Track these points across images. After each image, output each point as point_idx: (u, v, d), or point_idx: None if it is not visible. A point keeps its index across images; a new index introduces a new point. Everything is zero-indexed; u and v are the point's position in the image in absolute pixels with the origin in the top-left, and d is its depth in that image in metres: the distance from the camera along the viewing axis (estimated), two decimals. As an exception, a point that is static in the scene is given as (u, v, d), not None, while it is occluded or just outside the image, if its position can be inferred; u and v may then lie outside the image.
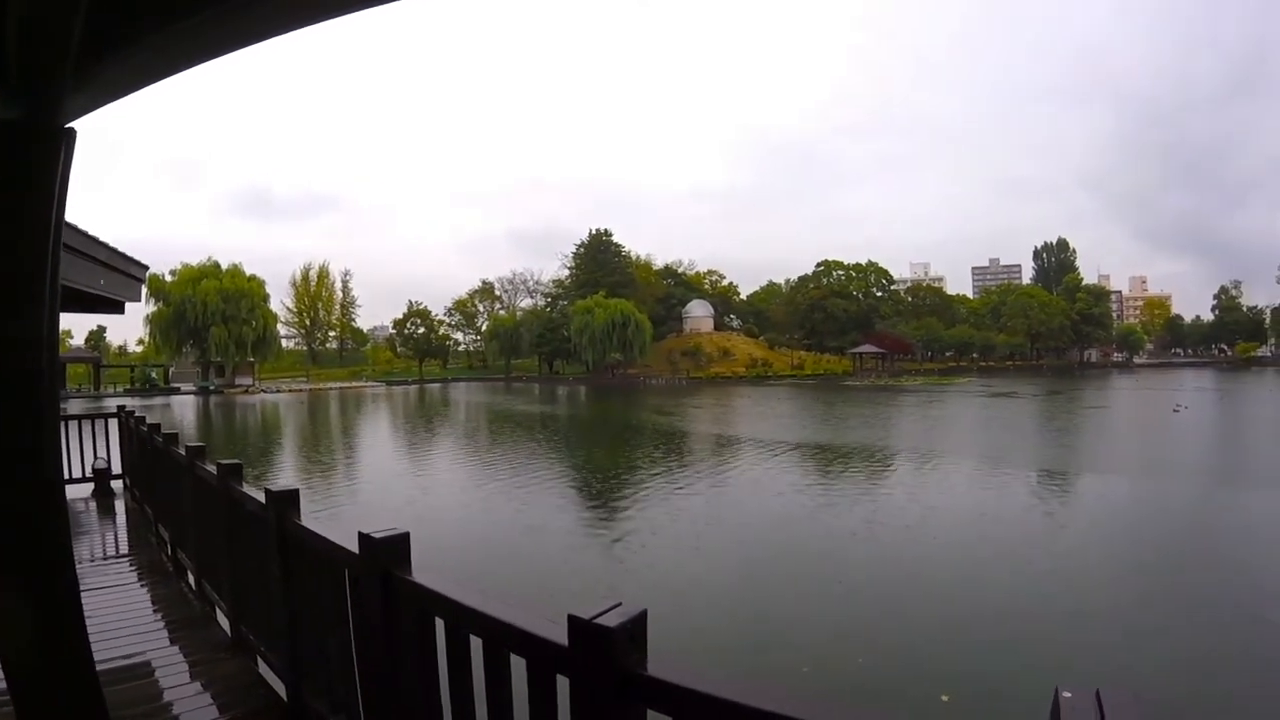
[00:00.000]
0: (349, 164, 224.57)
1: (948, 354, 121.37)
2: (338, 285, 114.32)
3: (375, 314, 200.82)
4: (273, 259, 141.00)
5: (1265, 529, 15.54)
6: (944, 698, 7.86)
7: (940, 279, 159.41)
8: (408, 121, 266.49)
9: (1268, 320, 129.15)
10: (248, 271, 79.87)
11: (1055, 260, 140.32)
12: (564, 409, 54.97)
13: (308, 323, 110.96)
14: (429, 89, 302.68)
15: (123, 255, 6.48)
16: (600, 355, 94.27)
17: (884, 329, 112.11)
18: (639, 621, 1.85)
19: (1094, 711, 1.32)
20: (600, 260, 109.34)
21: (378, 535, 2.82)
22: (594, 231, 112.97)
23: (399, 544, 2.82)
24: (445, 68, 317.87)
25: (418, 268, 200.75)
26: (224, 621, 5.48)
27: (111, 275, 6.35)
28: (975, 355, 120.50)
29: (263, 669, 4.65)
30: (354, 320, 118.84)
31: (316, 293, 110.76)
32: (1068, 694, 1.37)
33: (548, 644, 2.01)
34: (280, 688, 4.28)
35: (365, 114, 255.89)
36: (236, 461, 5.10)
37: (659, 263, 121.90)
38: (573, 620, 1.87)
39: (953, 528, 15.28)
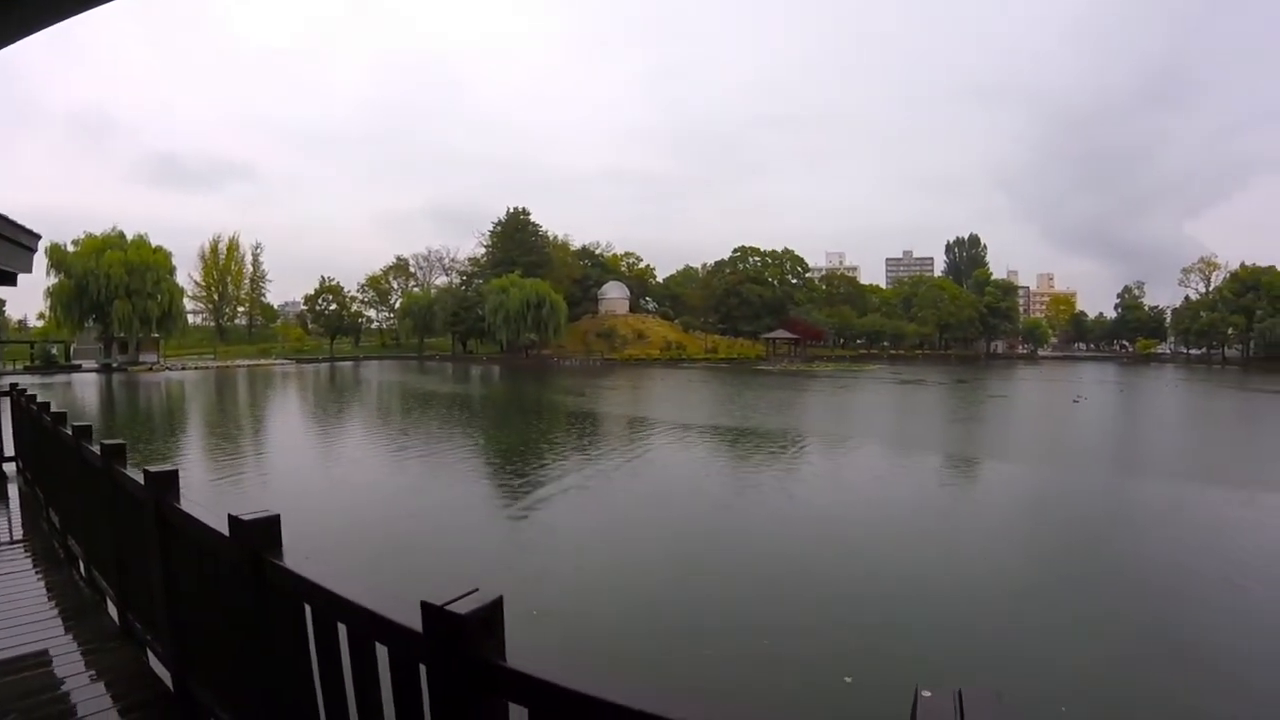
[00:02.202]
0: (263, 132, 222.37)
1: (859, 341, 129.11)
2: (247, 259, 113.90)
3: (286, 289, 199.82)
4: (180, 230, 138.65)
5: (1139, 510, 17.55)
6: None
7: (855, 269, 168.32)
8: (324, 89, 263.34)
9: (1168, 319, 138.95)
10: (154, 243, 77.57)
11: (966, 255, 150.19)
12: (476, 389, 55.87)
13: (216, 298, 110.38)
14: (346, 57, 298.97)
15: (11, 222, 6.21)
16: (515, 335, 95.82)
17: (798, 316, 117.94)
18: (494, 608, 1.84)
19: (953, 711, 1.32)
20: (517, 239, 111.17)
21: (247, 518, 2.78)
22: (512, 210, 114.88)
23: (269, 526, 2.78)
24: (365, 38, 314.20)
25: (331, 242, 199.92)
26: (113, 610, 5.39)
27: (-2, 244, 6.02)
28: (886, 344, 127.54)
29: (151, 659, 4.59)
30: (264, 296, 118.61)
31: (225, 266, 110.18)
32: (927, 693, 1.38)
33: (405, 631, 1.99)
34: (167, 677, 4.22)
35: (280, 80, 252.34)
36: (120, 442, 5.04)
37: (576, 243, 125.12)
38: (425, 607, 1.86)
39: (842, 509, 16.63)
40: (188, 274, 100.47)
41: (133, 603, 4.94)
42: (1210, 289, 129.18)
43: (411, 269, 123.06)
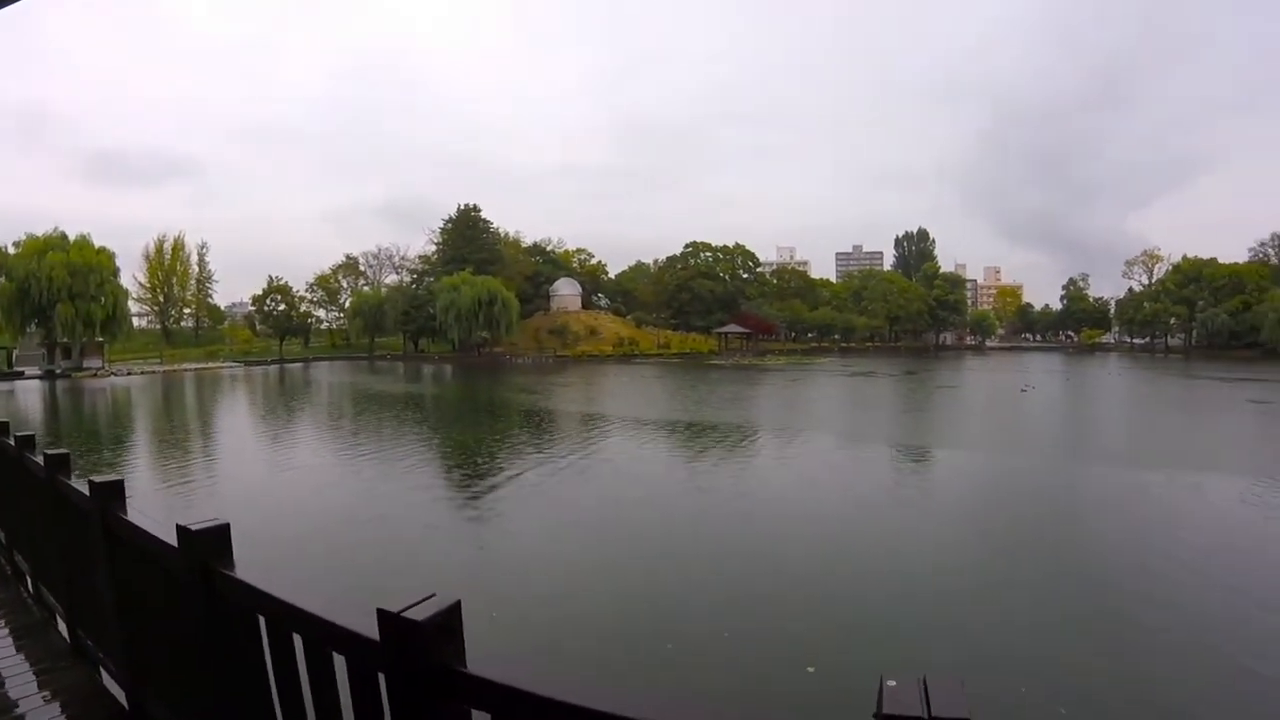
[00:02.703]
0: (209, 127, 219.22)
1: (810, 335, 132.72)
2: (193, 259, 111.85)
3: (233, 290, 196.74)
4: (124, 230, 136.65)
5: (1084, 493, 18.74)
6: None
7: (805, 263, 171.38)
8: (272, 83, 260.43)
9: (1112, 310, 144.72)
10: (97, 243, 75.89)
11: (915, 249, 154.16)
12: (429, 388, 56.20)
13: (161, 299, 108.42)
14: (295, 50, 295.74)
15: None
16: (466, 333, 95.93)
17: (749, 310, 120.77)
18: (452, 613, 1.82)
19: (919, 701, 1.33)
20: (468, 236, 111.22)
21: (195, 527, 2.75)
22: (462, 207, 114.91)
23: (218, 536, 2.76)
24: (315, 31, 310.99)
25: (279, 241, 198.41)
26: (63, 628, 5.25)
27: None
28: (837, 337, 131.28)
29: (105, 677, 4.50)
30: (210, 297, 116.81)
31: (171, 267, 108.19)
32: (892, 683, 1.39)
33: (362, 640, 1.96)
34: (122, 696, 4.14)
35: (227, 74, 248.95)
36: (64, 451, 4.93)
37: (528, 240, 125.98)
38: (382, 614, 1.84)
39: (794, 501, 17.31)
40: (132, 275, 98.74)
41: (83, 619, 4.83)
42: (1153, 280, 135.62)
43: (361, 267, 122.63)
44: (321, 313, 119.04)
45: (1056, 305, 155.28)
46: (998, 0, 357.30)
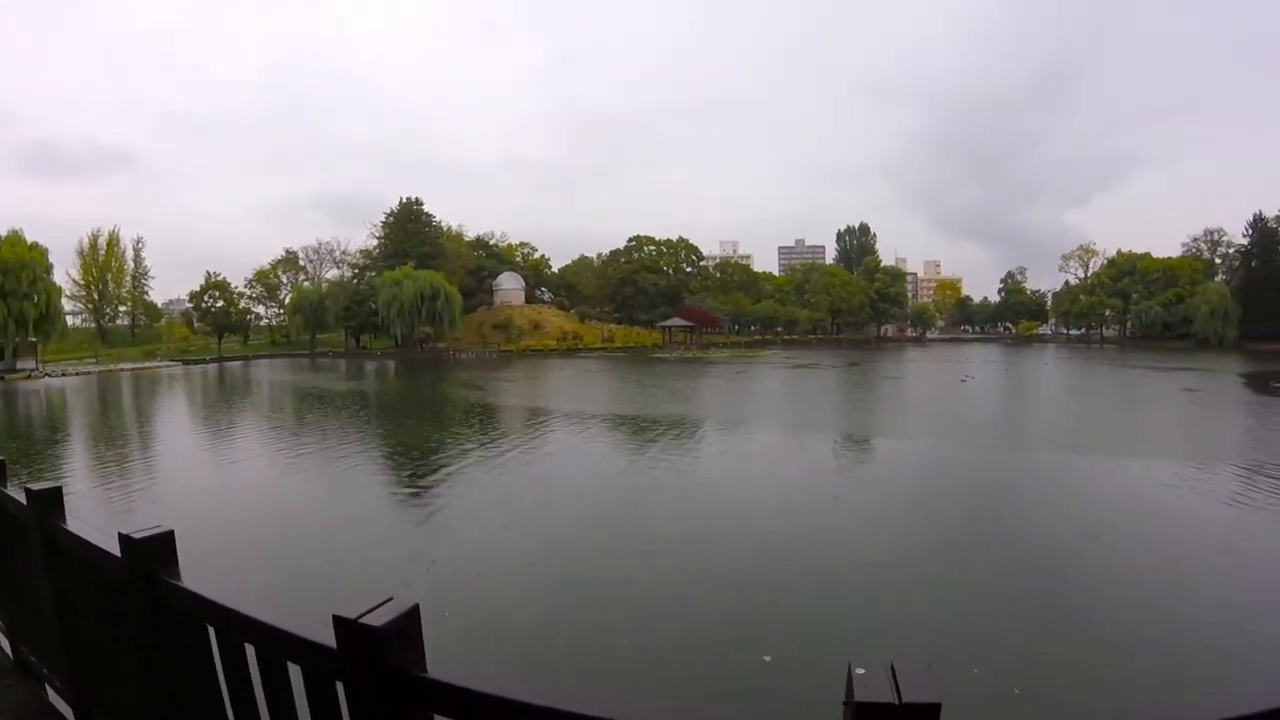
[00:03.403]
0: (145, 118, 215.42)
1: (753, 328, 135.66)
2: (129, 254, 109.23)
3: (170, 287, 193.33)
4: (57, 225, 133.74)
5: (1022, 477, 20.04)
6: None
7: (748, 257, 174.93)
8: (210, 73, 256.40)
9: (1048, 303, 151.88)
10: (29, 239, 74.95)
11: (857, 243, 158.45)
12: (372, 385, 56.31)
13: (96, 297, 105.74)
14: (234, 39, 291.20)
15: None
16: (409, 328, 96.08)
17: (693, 303, 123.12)
18: (411, 617, 1.79)
19: (889, 687, 1.34)
20: (410, 230, 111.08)
21: (138, 535, 2.67)
22: (404, 200, 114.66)
23: (163, 543, 2.68)
24: (255, 19, 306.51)
25: (218, 235, 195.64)
26: (5, 644, 5.12)
27: None
28: (780, 329, 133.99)
29: (50, 693, 4.38)
30: (147, 294, 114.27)
31: (106, 263, 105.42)
32: (861, 670, 1.38)
33: (318, 648, 1.93)
34: (69, 713, 4.04)
35: (164, 63, 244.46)
36: None
37: (471, 234, 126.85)
38: (338, 621, 1.80)
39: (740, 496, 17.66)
40: (65, 272, 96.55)
41: (25, 634, 4.68)
42: (1089, 274, 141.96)
43: (301, 262, 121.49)
44: (261, 309, 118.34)
45: (995, 298, 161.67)
46: (942, 1, 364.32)
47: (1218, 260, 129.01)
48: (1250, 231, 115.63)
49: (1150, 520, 15.15)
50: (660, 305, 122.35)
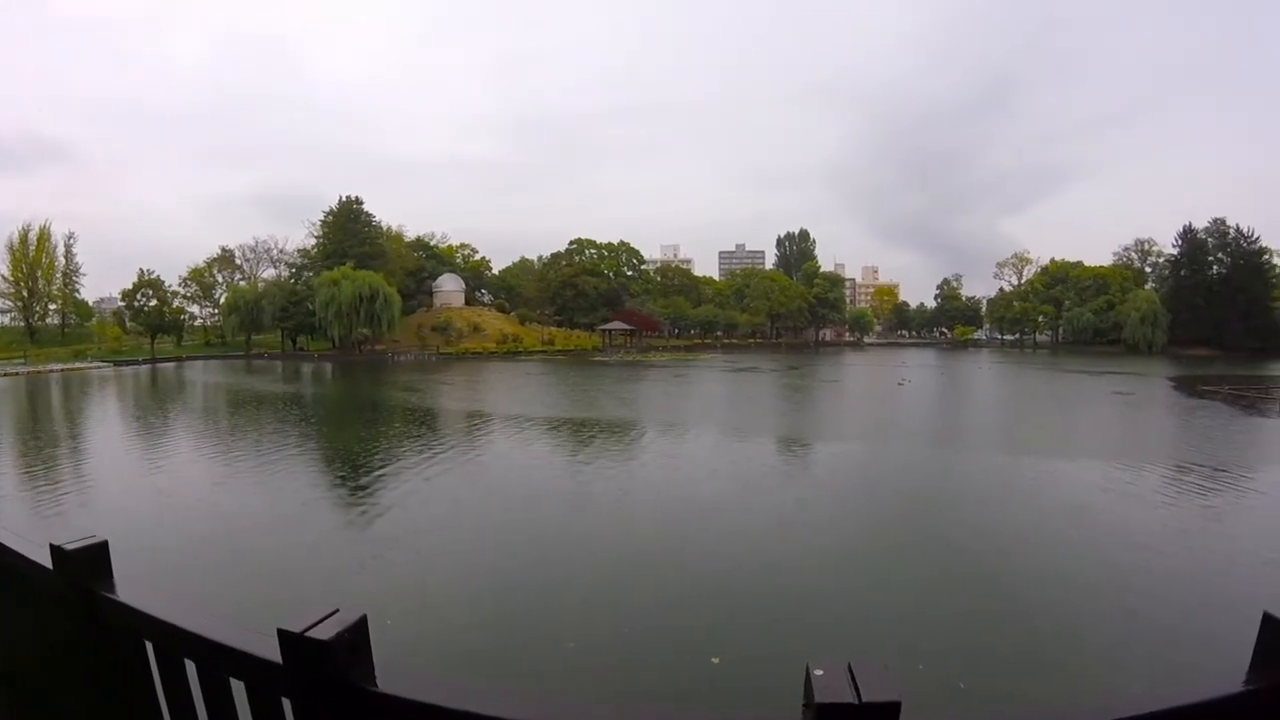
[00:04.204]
0: (80, 110, 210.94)
1: (693, 331, 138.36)
2: (60, 250, 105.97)
3: (102, 284, 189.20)
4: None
5: (957, 479, 20.51)
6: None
7: (689, 261, 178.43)
8: (148, 65, 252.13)
9: (983, 308, 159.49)
10: None
11: (797, 248, 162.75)
12: (309, 388, 55.63)
13: (25, 294, 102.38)
14: (172, 30, 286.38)
15: None
16: (347, 330, 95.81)
17: (633, 307, 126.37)
18: (359, 629, 1.74)
19: (849, 687, 1.34)
20: (350, 230, 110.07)
21: (70, 546, 2.53)
22: (344, 199, 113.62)
23: (97, 554, 2.55)
24: (194, 11, 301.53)
25: (152, 232, 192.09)
26: None
27: None
28: (720, 333, 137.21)
29: None
30: (78, 292, 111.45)
31: (35, 259, 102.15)
32: (819, 671, 1.39)
33: (262, 664, 1.86)
34: None
35: (100, 54, 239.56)
36: None
37: (411, 234, 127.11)
38: (283, 635, 1.74)
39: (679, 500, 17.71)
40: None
41: None
42: (1023, 281, 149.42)
43: (237, 260, 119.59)
44: (196, 309, 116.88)
45: (931, 303, 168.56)
46: (886, 12, 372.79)
47: (1148, 269, 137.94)
48: (1180, 242, 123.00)
49: (1080, 519, 15.82)
50: (601, 308, 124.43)
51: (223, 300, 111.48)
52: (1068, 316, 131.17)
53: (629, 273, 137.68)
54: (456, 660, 9.07)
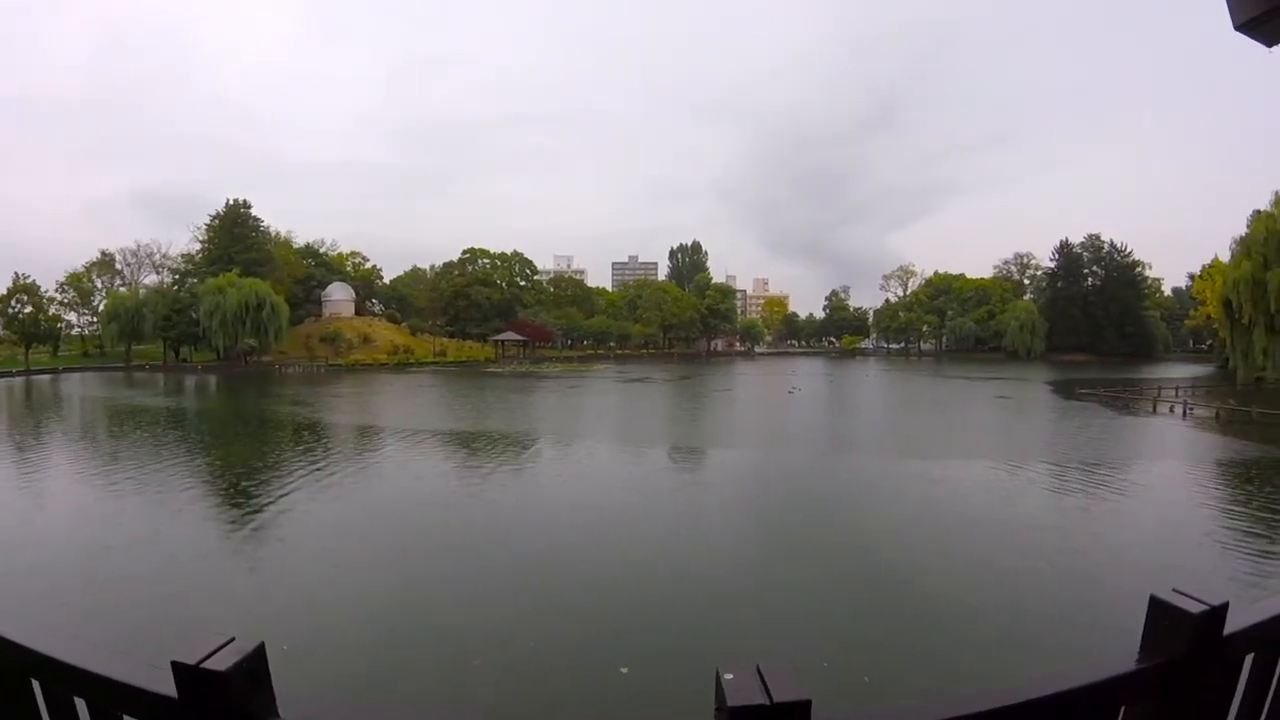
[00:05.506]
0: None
1: (586, 342, 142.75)
2: None
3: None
4: None
5: (848, 481, 22.03)
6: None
7: (582, 272, 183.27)
8: (23, 51, 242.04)
9: (870, 319, 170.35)
10: None
11: (689, 260, 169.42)
12: (193, 402, 54.49)
13: None
14: (48, 14, 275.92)
15: None
16: (233, 340, 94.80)
17: (526, 318, 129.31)
18: (258, 658, 1.62)
19: (759, 688, 1.34)
20: (236, 235, 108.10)
21: None
22: (231, 202, 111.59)
23: None
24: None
25: (27, 234, 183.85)
26: None
27: None
28: (613, 344, 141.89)
29: None
30: None
31: None
32: (729, 675, 1.38)
33: (156, 699, 1.69)
34: None
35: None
36: None
37: (300, 241, 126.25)
38: (177, 667, 1.60)
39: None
40: None
41: None
42: (908, 292, 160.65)
43: (118, 265, 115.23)
44: (73, 316, 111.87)
45: (820, 314, 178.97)
46: (780, 31, 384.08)
47: (1026, 281, 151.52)
48: (1056, 255, 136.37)
49: (964, 515, 17.12)
50: (494, 319, 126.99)
51: (102, 308, 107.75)
52: (951, 326, 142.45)
53: (522, 283, 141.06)
54: (359, 683, 9.07)
